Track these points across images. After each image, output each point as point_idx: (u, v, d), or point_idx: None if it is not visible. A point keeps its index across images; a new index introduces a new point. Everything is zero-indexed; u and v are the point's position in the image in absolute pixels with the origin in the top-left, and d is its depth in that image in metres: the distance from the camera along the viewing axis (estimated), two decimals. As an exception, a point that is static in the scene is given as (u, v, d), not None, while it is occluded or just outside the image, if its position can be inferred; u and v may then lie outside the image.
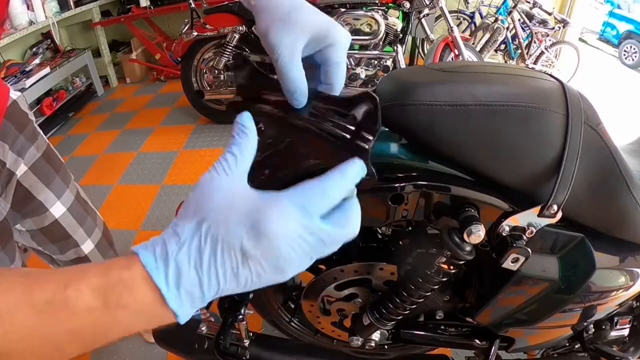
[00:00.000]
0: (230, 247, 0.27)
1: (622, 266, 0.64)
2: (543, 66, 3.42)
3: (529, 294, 0.64)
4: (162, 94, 3.47)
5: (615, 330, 0.76)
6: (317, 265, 0.84)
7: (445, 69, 0.58)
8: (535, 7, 3.34)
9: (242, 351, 0.75)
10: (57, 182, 0.85)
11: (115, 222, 1.87)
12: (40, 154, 0.81)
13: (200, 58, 2.56)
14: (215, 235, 0.27)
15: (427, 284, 0.60)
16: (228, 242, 0.27)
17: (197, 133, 2.72)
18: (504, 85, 0.53)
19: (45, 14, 2.81)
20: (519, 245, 0.53)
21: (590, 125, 0.53)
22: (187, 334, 0.77)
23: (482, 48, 3.28)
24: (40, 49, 3.00)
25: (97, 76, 3.49)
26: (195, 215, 0.29)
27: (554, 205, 0.51)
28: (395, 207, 0.55)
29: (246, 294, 0.73)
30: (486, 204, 0.55)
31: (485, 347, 0.75)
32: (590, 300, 0.65)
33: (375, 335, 0.74)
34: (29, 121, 0.79)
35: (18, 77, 2.60)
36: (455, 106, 0.51)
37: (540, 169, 0.52)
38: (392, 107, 0.55)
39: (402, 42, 2.37)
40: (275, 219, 0.27)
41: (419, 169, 0.55)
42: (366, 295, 0.76)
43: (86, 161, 2.54)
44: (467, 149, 0.52)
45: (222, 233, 0.27)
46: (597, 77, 4.24)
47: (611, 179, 0.56)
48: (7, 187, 0.74)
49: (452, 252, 0.54)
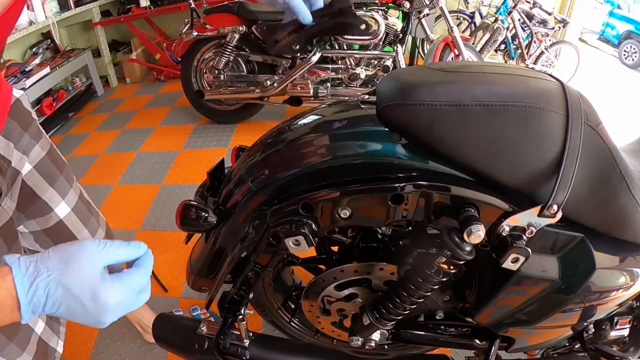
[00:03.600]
0: (75, 297, 0.38)
1: (622, 266, 0.64)
2: (543, 66, 3.42)
3: (529, 294, 0.64)
4: (162, 94, 3.47)
5: (615, 330, 0.76)
6: (317, 265, 0.85)
7: (445, 69, 0.58)
8: (535, 7, 3.34)
9: (242, 351, 0.75)
10: (61, 182, 0.85)
11: (115, 222, 1.87)
12: (45, 153, 0.81)
13: (200, 58, 2.55)
14: (69, 286, 0.38)
15: (427, 284, 0.60)
16: (76, 294, 0.38)
17: (197, 133, 2.72)
18: (504, 85, 0.53)
19: (45, 14, 2.80)
20: (519, 245, 0.53)
21: (590, 125, 0.53)
22: (187, 334, 0.77)
23: (482, 48, 3.28)
24: (40, 49, 3.00)
25: (97, 76, 3.49)
26: (65, 263, 0.39)
27: (554, 205, 0.51)
28: (395, 207, 0.55)
29: (246, 294, 0.73)
30: (486, 204, 0.55)
31: (485, 347, 0.76)
32: (590, 300, 0.65)
33: (375, 335, 0.74)
34: (32, 120, 0.79)
35: (18, 77, 2.60)
36: (455, 106, 0.51)
37: (540, 169, 0.52)
38: (392, 107, 0.55)
39: (402, 42, 2.37)
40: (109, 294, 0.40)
41: (419, 169, 0.55)
42: (366, 295, 0.76)
43: (86, 161, 2.54)
44: (467, 149, 0.52)
45: (74, 287, 0.38)
46: (597, 77, 4.24)
47: (611, 179, 0.56)
48: (12, 186, 0.73)
49: (452, 252, 0.54)
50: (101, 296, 0.39)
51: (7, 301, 0.37)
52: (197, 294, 1.18)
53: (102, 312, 0.40)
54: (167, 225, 1.78)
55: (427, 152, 0.55)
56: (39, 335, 0.79)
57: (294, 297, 0.94)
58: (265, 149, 0.63)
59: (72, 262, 0.39)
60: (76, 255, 0.39)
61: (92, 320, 0.41)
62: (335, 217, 0.57)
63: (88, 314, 0.40)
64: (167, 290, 1.53)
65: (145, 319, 1.28)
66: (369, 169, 0.55)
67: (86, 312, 0.40)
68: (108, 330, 1.41)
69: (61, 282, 0.38)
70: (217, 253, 0.69)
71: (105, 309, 0.40)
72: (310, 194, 0.55)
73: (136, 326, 1.32)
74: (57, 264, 0.39)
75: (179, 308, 1.45)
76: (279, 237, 0.57)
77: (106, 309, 0.40)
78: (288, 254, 0.80)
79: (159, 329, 0.80)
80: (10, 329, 0.72)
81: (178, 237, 1.74)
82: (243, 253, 0.64)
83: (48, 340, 0.83)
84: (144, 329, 1.30)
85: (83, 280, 0.39)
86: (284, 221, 0.56)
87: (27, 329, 0.76)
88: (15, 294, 0.37)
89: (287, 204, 0.56)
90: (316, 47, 2.37)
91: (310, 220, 0.56)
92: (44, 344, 0.81)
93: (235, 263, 0.65)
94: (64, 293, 0.38)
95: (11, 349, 0.72)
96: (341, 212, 0.56)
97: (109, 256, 0.41)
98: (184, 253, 1.75)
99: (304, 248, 0.56)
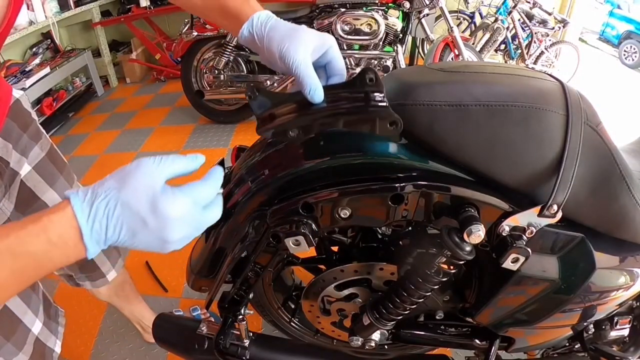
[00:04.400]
0: (135, 213, 0.37)
1: (622, 266, 0.64)
2: (543, 66, 3.42)
3: (529, 294, 0.64)
4: (162, 94, 3.47)
5: (615, 330, 0.76)
6: (317, 265, 0.85)
7: (445, 69, 0.58)
8: (535, 7, 3.34)
9: (242, 351, 0.75)
10: (62, 183, 0.84)
11: (115, 222, 1.87)
12: (44, 154, 0.81)
13: (200, 58, 2.56)
14: (127, 201, 0.37)
15: (427, 284, 0.60)
16: (136, 209, 0.37)
17: (197, 133, 2.72)
18: (504, 85, 0.53)
19: (45, 13, 2.80)
20: (519, 245, 0.53)
21: (590, 125, 0.53)
22: (187, 334, 0.77)
23: (482, 48, 3.28)
24: (40, 49, 3.00)
25: (97, 76, 3.49)
26: (122, 182, 0.38)
27: (554, 205, 0.51)
28: (395, 207, 0.55)
29: (246, 294, 0.73)
30: (486, 204, 0.55)
31: (485, 347, 0.75)
32: (590, 300, 0.65)
33: (375, 335, 0.74)
34: (32, 120, 0.79)
35: (18, 77, 2.60)
36: (455, 106, 0.51)
37: (540, 169, 0.52)
38: (392, 107, 0.55)
39: (402, 42, 2.37)
40: (169, 205, 0.38)
41: (419, 169, 0.55)
42: (366, 295, 0.76)
43: (86, 161, 2.54)
44: (467, 149, 0.52)
45: (133, 202, 0.37)
46: (597, 77, 4.24)
47: (611, 179, 0.56)
48: (10, 187, 0.73)
49: (452, 252, 0.54)
50: (160, 207, 0.37)
51: (70, 233, 0.36)
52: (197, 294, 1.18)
53: (164, 226, 0.38)
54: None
55: (427, 152, 0.55)
56: (36, 335, 0.79)
57: (294, 297, 0.94)
58: (265, 149, 0.63)
59: (129, 179, 0.38)
60: (132, 172, 0.38)
61: (156, 242, 0.39)
62: (335, 217, 0.57)
63: (150, 232, 0.38)
64: (167, 290, 1.53)
65: (145, 319, 1.28)
66: (369, 169, 0.55)
67: (148, 231, 0.38)
68: (108, 330, 1.41)
69: (120, 199, 0.37)
70: (217, 253, 0.69)
71: (167, 222, 0.38)
72: (310, 194, 0.55)
73: (136, 326, 1.32)
74: (114, 184, 0.37)
75: (179, 308, 1.45)
76: (279, 237, 0.57)
77: (167, 221, 0.38)
78: (288, 254, 0.80)
79: (159, 329, 0.80)
80: (7, 328, 0.72)
81: (178, 237, 1.74)
82: (243, 253, 0.64)
83: (45, 340, 0.83)
84: (144, 329, 1.30)
85: (141, 194, 0.37)
86: (284, 221, 0.56)
87: (24, 328, 0.76)
88: (77, 224, 0.36)
89: (287, 204, 0.56)
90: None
91: (310, 220, 0.56)
92: (41, 344, 0.81)
93: (235, 263, 0.65)
94: (123, 210, 0.37)
95: (7, 349, 0.72)
96: (341, 212, 0.56)
97: (166, 169, 0.40)
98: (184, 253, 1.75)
99: (304, 248, 0.56)
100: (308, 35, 0.51)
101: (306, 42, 0.50)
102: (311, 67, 0.49)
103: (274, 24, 0.54)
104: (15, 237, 0.35)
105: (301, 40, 0.50)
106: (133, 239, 0.38)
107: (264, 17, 0.55)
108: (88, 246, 0.36)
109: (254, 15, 0.55)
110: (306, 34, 0.51)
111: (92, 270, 0.99)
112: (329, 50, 0.53)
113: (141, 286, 1.38)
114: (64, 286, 1.55)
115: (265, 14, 0.55)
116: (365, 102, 0.46)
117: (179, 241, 0.40)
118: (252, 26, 0.54)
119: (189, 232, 0.40)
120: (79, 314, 1.47)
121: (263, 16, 0.55)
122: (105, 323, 1.44)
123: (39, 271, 0.37)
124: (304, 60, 0.49)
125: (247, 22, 0.55)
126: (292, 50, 0.49)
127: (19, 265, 0.35)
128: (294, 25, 0.53)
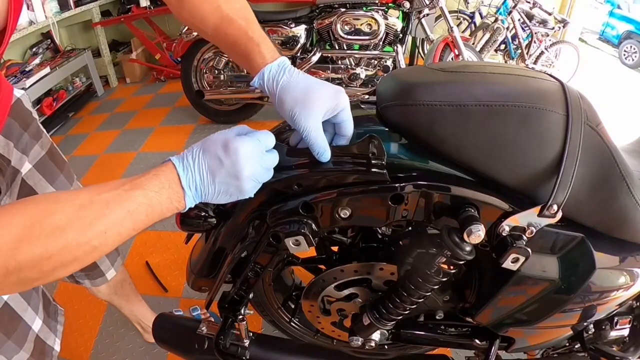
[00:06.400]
0: (213, 155, 0.46)
1: (622, 266, 0.64)
2: (543, 66, 3.42)
3: (529, 294, 0.64)
4: (162, 94, 3.47)
5: (615, 330, 0.76)
6: (317, 265, 0.85)
7: (445, 69, 0.58)
8: (535, 7, 3.34)
9: (242, 351, 0.75)
10: (62, 181, 0.85)
11: (115, 222, 1.87)
12: (44, 152, 0.81)
13: (200, 58, 2.55)
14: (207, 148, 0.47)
15: (427, 284, 0.60)
16: (213, 151, 0.46)
17: (197, 133, 2.72)
18: (504, 85, 0.53)
19: (45, 13, 2.80)
20: (519, 245, 0.53)
21: (590, 125, 0.53)
22: (187, 334, 0.77)
23: (482, 48, 3.28)
24: (40, 48, 2.99)
25: (97, 76, 3.49)
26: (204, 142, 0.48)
27: (554, 205, 0.51)
28: (395, 207, 0.55)
29: (246, 294, 0.73)
30: (486, 204, 0.55)
31: (485, 347, 0.75)
32: (590, 300, 0.65)
33: (375, 335, 0.74)
34: (33, 119, 0.80)
35: (18, 77, 2.60)
36: (455, 106, 0.51)
37: (540, 169, 0.52)
38: (392, 107, 0.55)
39: (402, 42, 2.37)
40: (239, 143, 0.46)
41: (419, 169, 0.55)
42: (366, 295, 0.76)
43: (86, 161, 2.54)
44: (467, 149, 0.52)
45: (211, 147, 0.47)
46: (597, 77, 4.24)
47: (611, 179, 0.56)
48: (12, 185, 0.74)
49: (452, 252, 0.54)
50: (232, 146, 0.45)
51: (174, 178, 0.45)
52: (197, 294, 1.18)
53: (236, 161, 0.45)
54: (167, 225, 1.78)
55: (427, 152, 0.55)
56: (37, 333, 0.80)
57: (294, 297, 0.94)
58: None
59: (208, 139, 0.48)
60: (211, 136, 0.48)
61: (232, 180, 0.46)
62: (335, 217, 0.57)
63: (226, 169, 0.45)
64: (167, 290, 1.53)
65: (145, 319, 1.28)
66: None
67: (224, 169, 0.45)
68: (108, 330, 1.41)
69: (202, 147, 0.47)
70: (217, 253, 0.69)
71: (238, 157, 0.45)
72: (310, 194, 0.55)
73: (136, 326, 1.32)
74: (199, 144, 0.47)
75: (179, 308, 1.45)
76: (279, 237, 0.57)
77: (239, 157, 0.45)
78: (288, 254, 0.80)
79: (159, 329, 0.80)
80: (8, 325, 0.72)
81: (178, 237, 1.74)
82: (243, 253, 0.64)
83: (45, 338, 0.83)
84: (144, 329, 1.30)
85: (217, 141, 0.47)
86: (284, 221, 0.56)
87: (25, 326, 0.77)
88: (176, 172, 0.45)
89: (287, 204, 0.56)
90: (316, 47, 2.37)
91: (310, 220, 0.56)
92: (41, 342, 0.81)
93: (235, 263, 0.65)
94: (204, 155, 0.46)
95: (9, 347, 0.72)
96: (341, 212, 0.56)
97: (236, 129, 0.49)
98: (184, 253, 1.75)
99: (304, 248, 0.56)
100: (320, 99, 0.51)
101: (317, 108, 0.51)
102: (321, 132, 0.51)
103: (286, 83, 0.53)
104: (131, 182, 0.43)
105: (313, 106, 0.51)
106: (214, 182, 0.46)
107: (274, 70, 0.54)
108: (185, 189, 0.45)
109: (264, 69, 0.54)
110: (319, 98, 0.51)
111: (91, 268, 0.99)
112: (341, 112, 0.53)
113: (141, 286, 1.38)
114: (64, 286, 1.55)
115: (277, 65, 0.54)
116: (366, 167, 0.52)
117: (250, 177, 0.47)
118: (263, 81, 0.55)
119: (256, 169, 0.47)
120: (79, 314, 1.47)
121: (274, 69, 0.54)
122: (105, 323, 1.44)
123: (149, 214, 0.43)
124: (315, 128, 0.51)
125: (259, 75, 0.55)
126: (303, 119, 0.51)
127: (135, 206, 0.42)
128: (307, 84, 0.52)
